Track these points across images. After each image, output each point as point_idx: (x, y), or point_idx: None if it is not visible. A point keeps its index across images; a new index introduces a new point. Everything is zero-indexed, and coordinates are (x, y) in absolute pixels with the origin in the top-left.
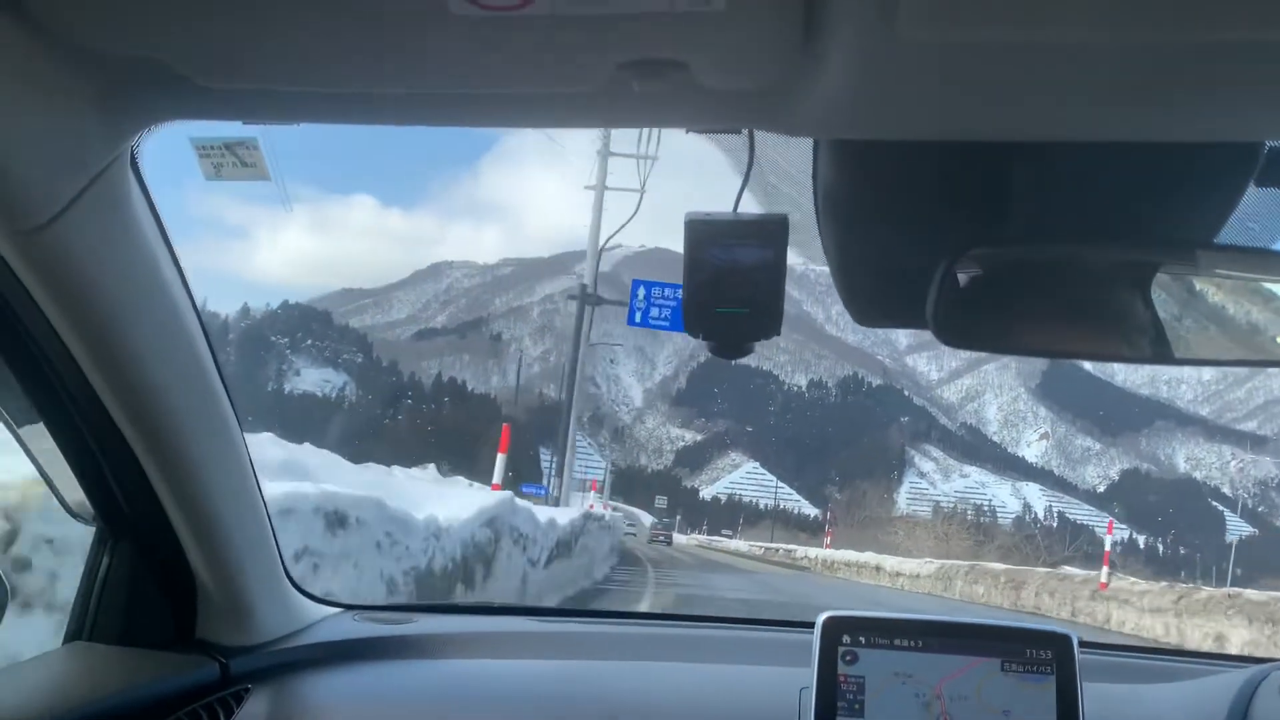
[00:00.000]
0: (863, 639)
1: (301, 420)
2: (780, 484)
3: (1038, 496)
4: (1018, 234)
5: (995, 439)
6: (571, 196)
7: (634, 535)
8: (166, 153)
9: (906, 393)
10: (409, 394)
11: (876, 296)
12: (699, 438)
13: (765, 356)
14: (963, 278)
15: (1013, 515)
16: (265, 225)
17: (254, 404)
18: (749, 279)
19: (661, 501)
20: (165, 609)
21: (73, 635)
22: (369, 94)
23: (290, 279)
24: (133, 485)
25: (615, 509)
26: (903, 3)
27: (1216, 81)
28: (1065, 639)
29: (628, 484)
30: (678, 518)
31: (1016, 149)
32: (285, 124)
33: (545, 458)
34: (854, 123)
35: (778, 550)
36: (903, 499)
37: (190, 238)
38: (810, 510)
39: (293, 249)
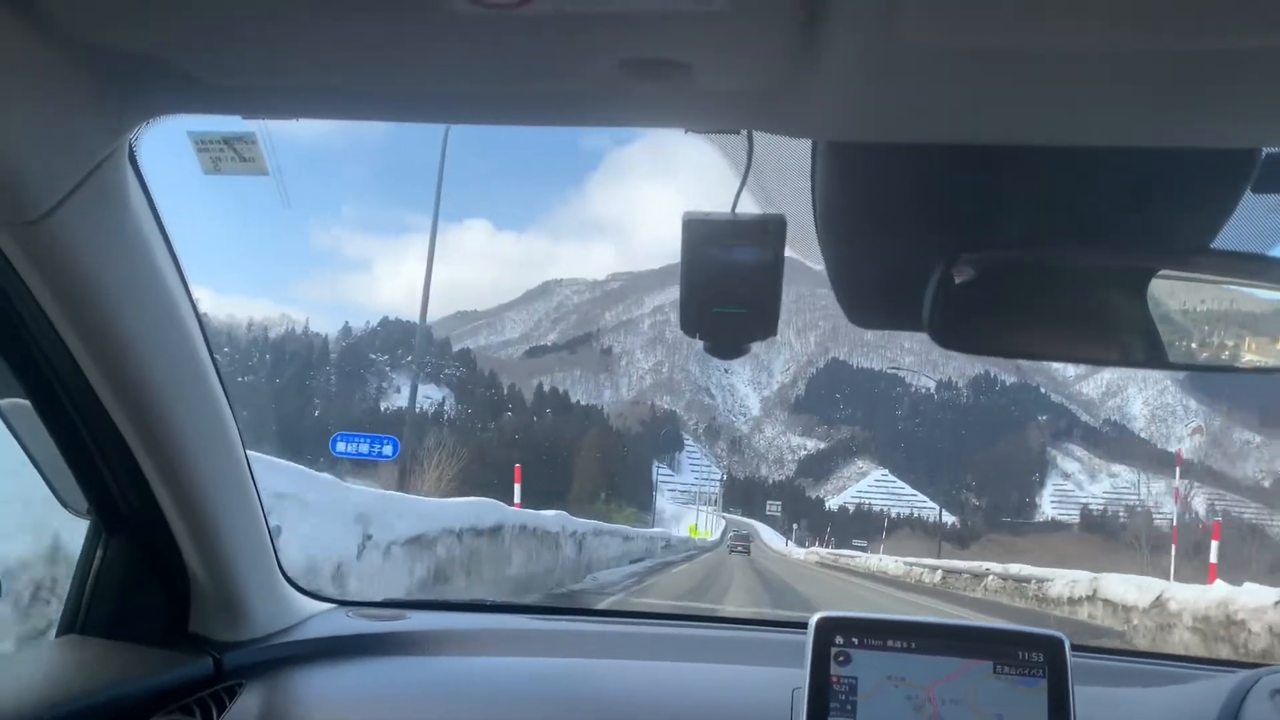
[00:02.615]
0: (855, 640)
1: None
2: (913, 491)
3: (1197, 495)
4: (1014, 238)
5: (1143, 435)
6: (678, 208)
7: (743, 552)
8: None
9: (1043, 390)
10: (514, 410)
11: (873, 298)
12: (821, 445)
13: (890, 358)
14: (959, 280)
15: (1169, 516)
16: (383, 256)
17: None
18: (746, 279)
19: (774, 508)
20: (159, 603)
21: (66, 628)
22: (369, 90)
23: (402, 306)
24: (127, 479)
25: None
26: (903, 6)
27: (1214, 88)
28: (1057, 641)
29: (747, 496)
30: (794, 526)
31: (1014, 152)
32: (284, 119)
33: (661, 470)
34: (853, 124)
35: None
36: (1046, 502)
37: (311, 273)
38: (946, 518)
39: (411, 277)
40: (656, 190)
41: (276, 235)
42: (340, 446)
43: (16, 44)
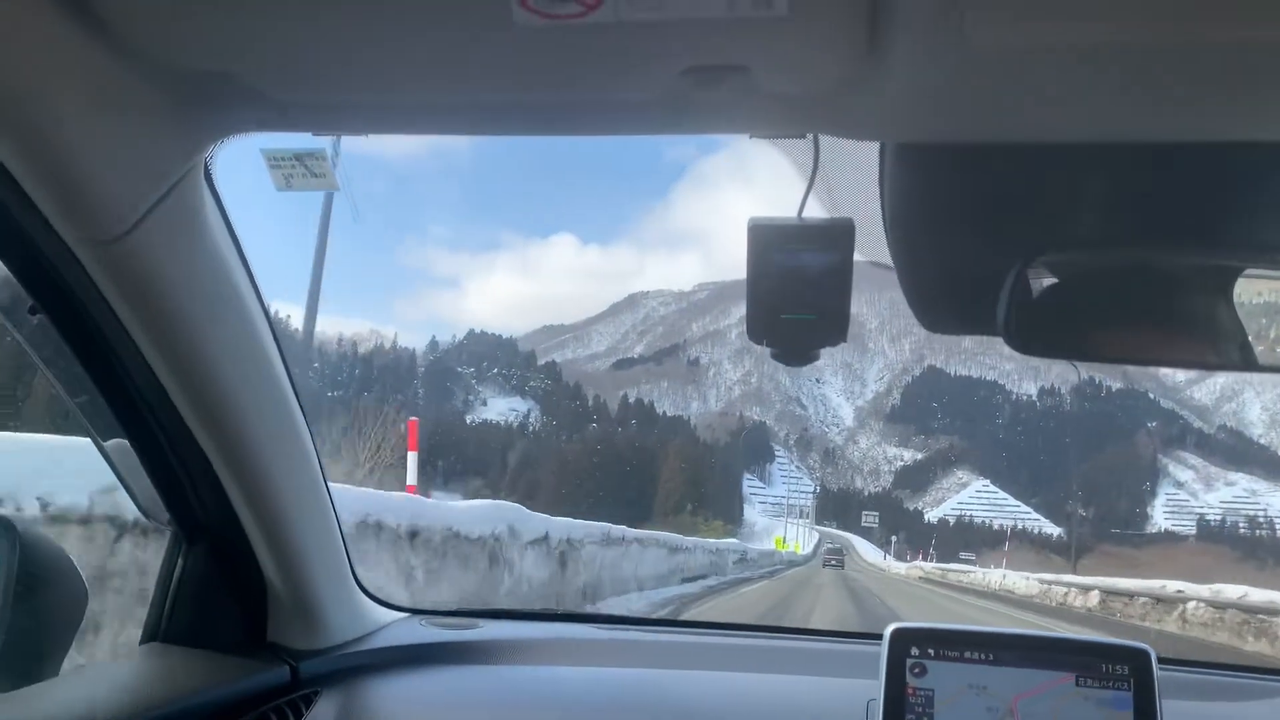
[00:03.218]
0: (931, 651)
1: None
2: (1016, 502)
3: None
4: (1092, 238)
5: (1262, 441)
6: (764, 213)
7: (837, 566)
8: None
9: (1152, 395)
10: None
11: (945, 302)
12: (919, 456)
13: (989, 365)
14: (1034, 283)
15: None
16: (471, 273)
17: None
18: (815, 285)
19: (871, 519)
20: (237, 612)
21: (149, 636)
22: (435, 104)
23: (490, 319)
24: (206, 490)
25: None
26: (970, 4)
27: None
28: (1143, 653)
29: (841, 508)
30: (893, 539)
31: (1088, 150)
32: (353, 135)
33: (751, 482)
34: (920, 126)
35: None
36: (1159, 513)
37: (408, 291)
38: (1051, 529)
39: (499, 293)
40: (742, 197)
41: (359, 252)
42: None
43: (96, 66)
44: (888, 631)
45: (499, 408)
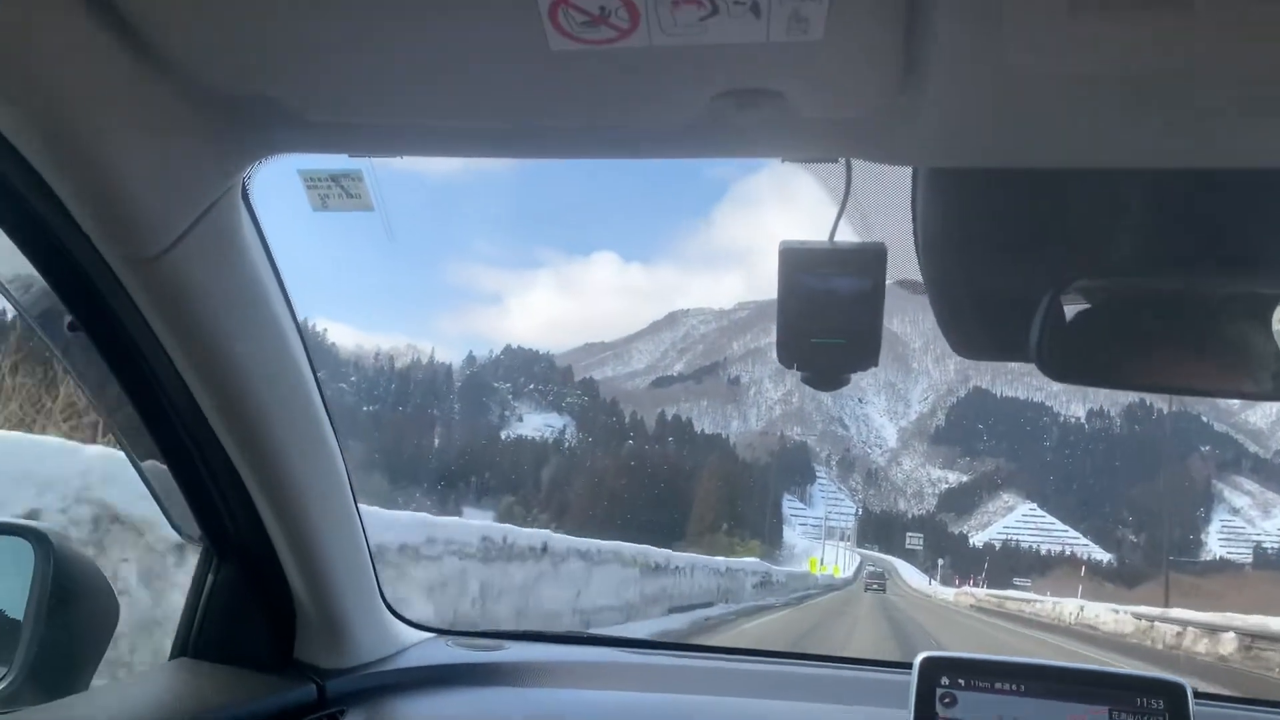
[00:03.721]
0: (962, 681)
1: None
2: (1064, 527)
3: None
4: (1126, 264)
5: None
6: (810, 232)
7: (878, 589)
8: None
9: (1205, 419)
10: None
11: (978, 328)
12: (964, 479)
13: (1036, 386)
14: (1068, 309)
15: None
16: (515, 290)
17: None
18: (846, 309)
19: (915, 540)
20: (265, 629)
21: (178, 651)
22: (470, 127)
23: (530, 336)
24: (238, 506)
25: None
26: (1007, 31)
27: None
28: (1179, 687)
29: (883, 530)
30: (939, 563)
31: (1123, 176)
32: (388, 156)
33: (791, 503)
34: (955, 151)
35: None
36: (1214, 540)
37: (449, 305)
38: (1101, 555)
39: (541, 310)
40: (784, 216)
41: (405, 269)
42: None
43: (141, 89)
44: (917, 660)
45: (534, 423)
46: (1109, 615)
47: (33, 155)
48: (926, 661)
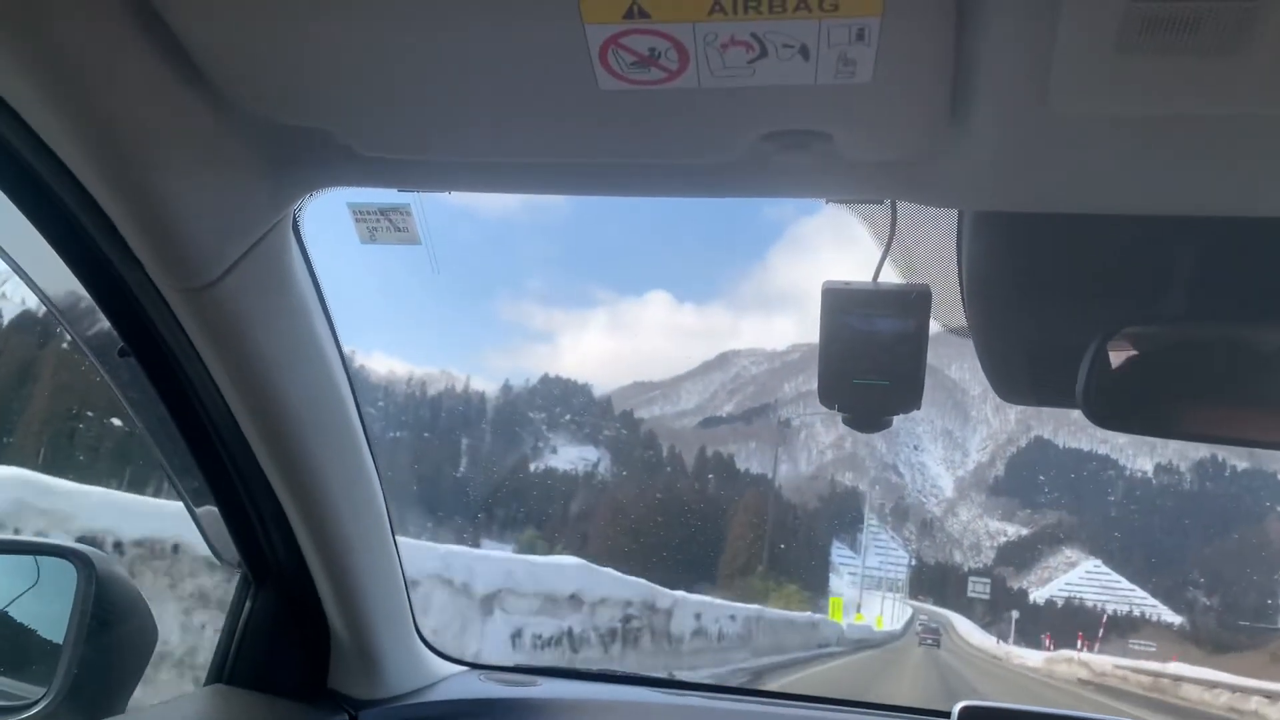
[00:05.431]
0: None
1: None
2: (1130, 586)
3: None
4: (1175, 312)
5: None
6: (865, 274)
7: (932, 645)
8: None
9: None
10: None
11: (1023, 373)
12: (1024, 532)
13: (1100, 439)
14: (1116, 357)
15: None
16: (565, 328)
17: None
18: (889, 350)
19: (980, 587)
20: (300, 657)
21: (214, 677)
22: (518, 164)
23: (580, 373)
24: (277, 534)
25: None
26: (1054, 75)
27: None
28: None
29: (938, 583)
30: (1013, 616)
31: (1172, 223)
32: (436, 191)
33: (840, 551)
34: (1001, 194)
35: None
36: None
37: (501, 343)
38: (1172, 618)
39: (591, 348)
40: (841, 256)
41: (448, 305)
42: None
43: (199, 122)
44: (956, 709)
45: (571, 455)
46: None
47: (91, 184)
48: (965, 710)
